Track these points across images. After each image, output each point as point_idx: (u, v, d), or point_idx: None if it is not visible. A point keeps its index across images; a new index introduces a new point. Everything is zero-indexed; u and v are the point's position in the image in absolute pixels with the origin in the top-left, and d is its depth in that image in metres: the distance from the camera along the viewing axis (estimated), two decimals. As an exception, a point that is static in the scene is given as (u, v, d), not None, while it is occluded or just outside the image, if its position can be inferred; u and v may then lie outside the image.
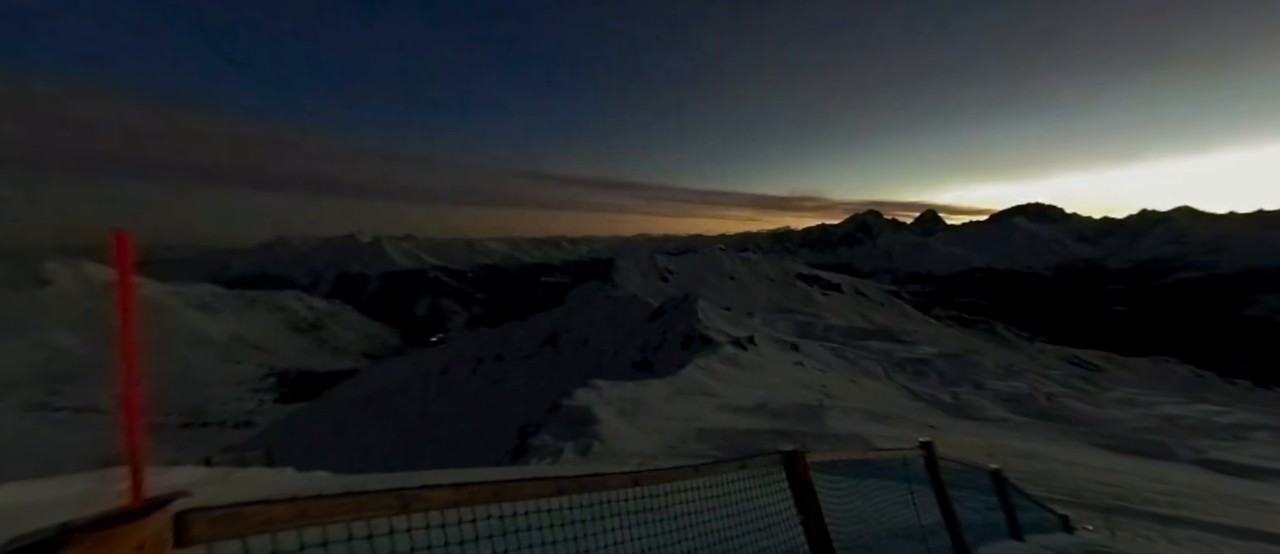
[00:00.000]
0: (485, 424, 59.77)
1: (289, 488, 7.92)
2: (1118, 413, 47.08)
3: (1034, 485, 12.83)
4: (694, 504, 2.95)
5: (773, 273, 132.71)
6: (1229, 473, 25.47)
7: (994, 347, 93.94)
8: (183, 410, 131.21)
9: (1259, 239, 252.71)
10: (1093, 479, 15.49)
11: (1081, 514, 9.33)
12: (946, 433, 27.11)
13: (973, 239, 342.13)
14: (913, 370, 63.42)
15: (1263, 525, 11.62)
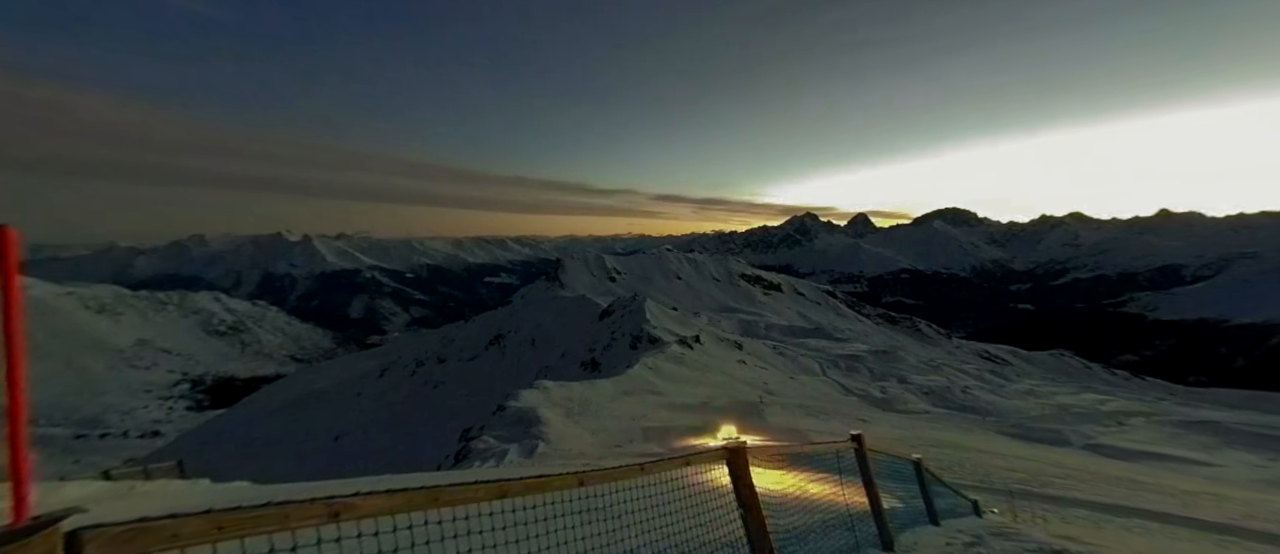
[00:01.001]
0: (426, 427, 57.59)
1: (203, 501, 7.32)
2: (1021, 403, 51.42)
3: (950, 473, 13.79)
4: (639, 502, 2.98)
5: (718, 273, 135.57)
6: (1112, 456, 28.38)
7: (917, 343, 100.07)
8: (77, 420, 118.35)
9: (1136, 243, 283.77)
10: (1000, 465, 16.85)
11: (989, 498, 10.13)
12: (875, 425, 28.62)
13: (899, 241, 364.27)
14: (846, 366, 66.52)
15: (1139, 503, 13.06)
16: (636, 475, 2.93)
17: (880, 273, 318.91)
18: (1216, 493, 16.49)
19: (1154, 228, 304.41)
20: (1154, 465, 25.94)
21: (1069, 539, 5.78)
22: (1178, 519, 11.61)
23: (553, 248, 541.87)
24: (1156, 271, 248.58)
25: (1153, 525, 10.62)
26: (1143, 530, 10.00)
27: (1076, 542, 5.61)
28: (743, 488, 3.63)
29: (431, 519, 1.75)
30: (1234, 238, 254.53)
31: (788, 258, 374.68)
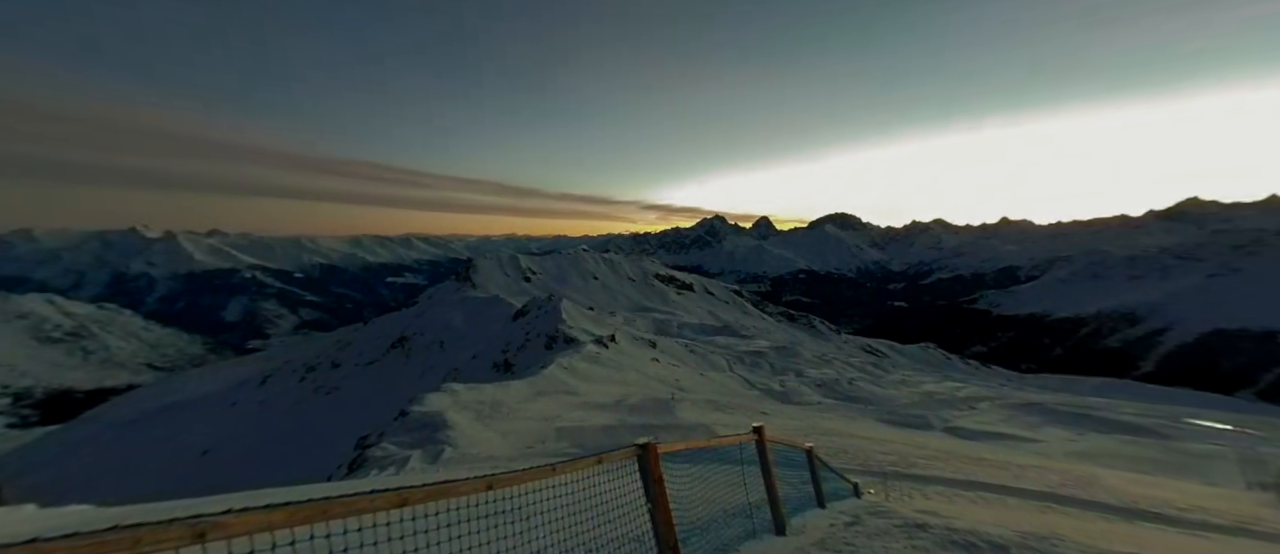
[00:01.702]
0: (317, 437, 52.80)
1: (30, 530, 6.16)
2: (895, 392, 57.13)
3: (836, 459, 15.05)
4: (551, 503, 2.96)
5: (633, 273, 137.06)
6: (964, 437, 32.38)
7: (812, 339, 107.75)
8: None
9: (984, 247, 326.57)
10: (876, 449, 18.66)
11: (867, 480, 11.22)
12: (775, 417, 30.42)
13: (797, 244, 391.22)
14: (750, 362, 70.02)
15: (983, 477, 15.09)
16: (548, 476, 2.91)
17: (781, 273, 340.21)
18: (1039, 465, 19.40)
19: (997, 233, 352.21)
20: (995, 443, 29.95)
21: (930, 513, 6.52)
22: (1011, 490, 13.57)
23: (464, 247, 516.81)
24: (999, 272, 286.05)
25: (992, 496, 12.33)
26: (985, 501, 11.58)
27: (935, 515, 6.34)
28: (652, 484, 3.72)
29: (320, 533, 1.62)
30: (1054, 243, 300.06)
31: (699, 258, 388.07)
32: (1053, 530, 7.51)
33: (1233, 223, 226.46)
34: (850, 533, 5.56)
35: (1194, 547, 9.11)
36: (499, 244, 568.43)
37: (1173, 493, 15.58)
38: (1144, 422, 40.51)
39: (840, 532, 5.61)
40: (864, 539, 5.37)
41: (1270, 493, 18.16)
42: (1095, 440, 33.48)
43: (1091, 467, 21.30)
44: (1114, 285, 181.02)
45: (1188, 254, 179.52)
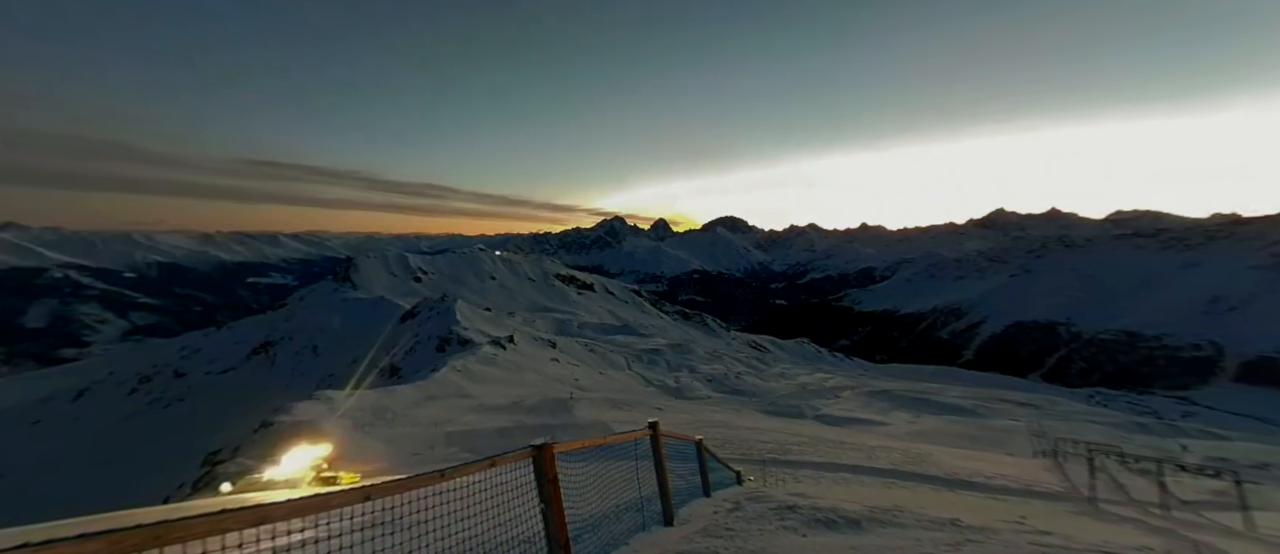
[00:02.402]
0: (152, 456, 45.10)
1: None
2: (775, 384, 61.81)
3: (723, 449, 15.98)
4: (439, 510, 2.83)
5: (533, 273, 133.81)
6: (830, 423, 35.94)
7: (705, 336, 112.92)
8: None
9: (848, 250, 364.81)
10: (758, 439, 20.12)
11: (749, 467, 12.07)
12: (669, 413, 31.45)
13: (691, 245, 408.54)
14: (647, 360, 71.64)
15: (844, 459, 16.95)
16: (435, 483, 2.78)
17: (677, 273, 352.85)
18: (886, 446, 22.15)
19: (858, 237, 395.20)
20: (854, 428, 33.61)
21: (800, 495, 7.18)
22: (865, 469, 15.39)
23: (343, 245, 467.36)
24: (860, 273, 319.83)
25: (850, 476, 13.89)
26: (845, 481, 13.00)
27: (804, 496, 7.00)
28: (546, 484, 3.70)
29: (160, 566, 1.41)
30: (902, 247, 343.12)
31: (599, 259, 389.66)
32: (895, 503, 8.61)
33: (1026, 231, 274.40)
34: (731, 518, 5.94)
35: (996, 507, 10.94)
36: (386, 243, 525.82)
37: (983, 463, 18.60)
38: (964, 403, 47.77)
39: (722, 518, 5.98)
40: (743, 523, 5.78)
41: (1049, 458, 22.38)
42: (929, 421, 38.78)
43: (926, 445, 24.70)
44: (945, 284, 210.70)
45: (996, 257, 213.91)
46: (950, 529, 6.50)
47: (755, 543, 5.13)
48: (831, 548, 5.29)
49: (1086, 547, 6.25)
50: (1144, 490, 16.40)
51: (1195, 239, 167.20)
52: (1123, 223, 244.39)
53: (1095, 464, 17.43)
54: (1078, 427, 39.73)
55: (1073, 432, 34.96)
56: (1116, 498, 15.50)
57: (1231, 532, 12.14)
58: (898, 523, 6.53)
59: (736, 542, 5.09)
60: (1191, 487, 18.02)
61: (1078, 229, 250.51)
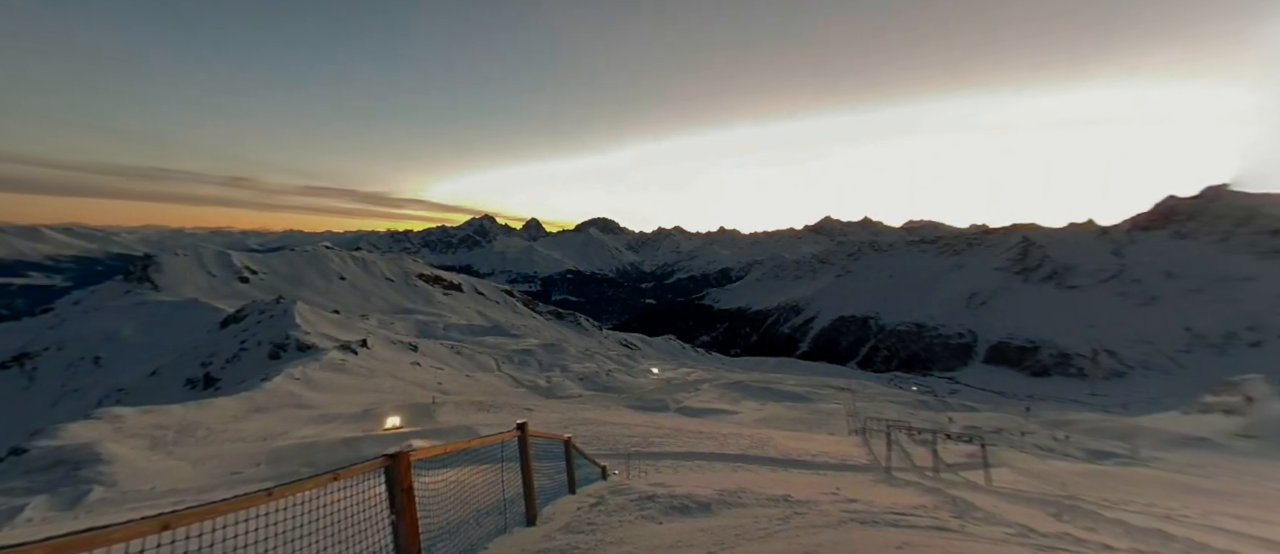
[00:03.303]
0: None
1: None
2: (643, 380, 64.18)
3: (591, 446, 16.23)
4: (262, 532, 2.51)
5: (391, 273, 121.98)
6: (690, 415, 38.32)
7: (578, 335, 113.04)
8: None
9: (709, 251, 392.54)
10: (624, 433, 20.78)
11: (614, 462, 12.45)
12: (539, 413, 30.95)
13: (565, 245, 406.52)
14: (519, 361, 69.62)
15: (701, 448, 18.28)
16: (261, 503, 2.47)
17: (551, 273, 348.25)
18: (736, 433, 24.33)
19: (718, 240, 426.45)
20: (711, 418, 36.25)
21: (659, 485, 7.61)
22: (718, 456, 16.76)
23: (135, 240, 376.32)
24: (719, 273, 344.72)
25: (705, 463, 15.03)
26: (700, 468, 14.02)
27: (663, 486, 7.45)
28: (400, 494, 3.48)
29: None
30: (753, 249, 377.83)
31: (468, 258, 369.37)
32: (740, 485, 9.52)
33: (847, 237, 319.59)
34: (594, 513, 6.10)
35: (819, 482, 12.64)
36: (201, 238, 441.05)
37: (811, 444, 21.31)
38: (800, 391, 54.18)
39: (585, 513, 6.11)
40: (604, 516, 5.97)
41: (859, 436, 26.39)
42: (772, 408, 43.25)
43: (768, 430, 27.55)
44: (786, 283, 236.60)
45: (825, 259, 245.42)
46: (783, 505, 7.38)
47: (615, 534, 5.33)
48: (685, 532, 5.67)
49: (882, 510, 7.52)
50: (923, 458, 20.16)
51: (960, 245, 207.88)
52: (914, 230, 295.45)
53: (891, 439, 21.01)
54: (881, 406, 47.26)
55: (877, 411, 41.50)
56: (904, 466, 18.84)
57: (977, 487, 15.47)
58: (742, 503, 7.23)
59: (597, 535, 5.25)
60: (954, 452, 22.55)
61: (884, 235, 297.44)
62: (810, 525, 5.84)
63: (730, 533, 5.52)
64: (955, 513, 9.64)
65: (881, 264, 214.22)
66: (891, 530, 5.59)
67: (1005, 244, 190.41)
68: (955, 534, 5.65)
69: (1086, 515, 11.47)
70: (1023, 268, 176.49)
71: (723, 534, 5.45)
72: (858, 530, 5.57)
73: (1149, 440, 37.61)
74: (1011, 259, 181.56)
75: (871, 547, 4.78)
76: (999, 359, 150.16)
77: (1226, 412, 44.94)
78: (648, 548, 4.93)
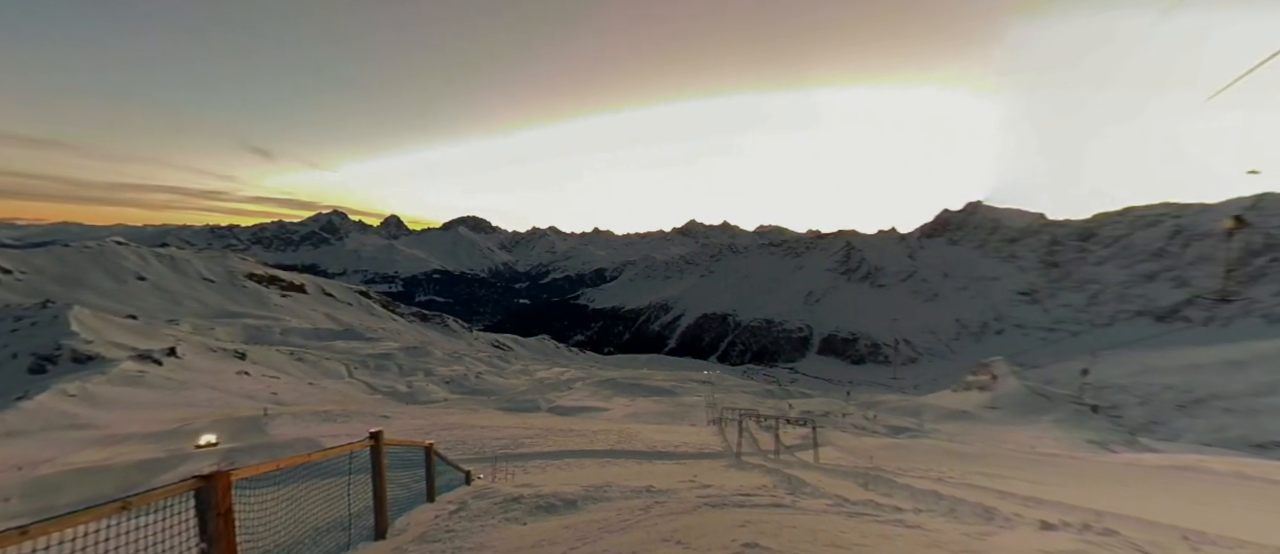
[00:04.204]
0: None
1: None
2: (515, 381, 62.39)
3: (456, 451, 15.40)
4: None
5: (211, 272, 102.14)
6: (563, 413, 38.28)
7: (445, 338, 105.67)
8: None
9: (584, 252, 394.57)
10: (492, 436, 20.07)
11: (480, 465, 11.98)
12: (398, 419, 28.43)
13: (430, 244, 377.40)
14: (375, 366, 63.13)
15: (571, 446, 18.44)
16: (11, 544, 1.99)
17: (415, 273, 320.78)
18: (606, 429, 24.94)
19: (592, 240, 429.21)
20: (583, 416, 36.58)
21: (526, 486, 7.52)
22: (587, 452, 17.04)
23: None
24: (593, 273, 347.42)
25: (574, 460, 15.19)
26: (569, 466, 14.13)
27: (529, 486, 7.37)
28: (214, 519, 3.01)
29: None
30: (626, 250, 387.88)
31: (314, 257, 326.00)
32: (607, 480, 9.78)
33: (709, 240, 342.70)
34: (453, 520, 5.83)
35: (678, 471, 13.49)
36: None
37: (674, 436, 22.63)
38: (666, 385, 57.05)
39: (444, 521, 5.82)
40: (465, 522, 5.74)
41: (716, 425, 28.67)
42: (641, 403, 44.94)
43: (636, 424, 28.62)
44: (657, 283, 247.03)
45: (691, 260, 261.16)
46: (645, 496, 7.75)
47: (475, 540, 5.16)
48: (550, 530, 5.68)
49: (731, 492, 8.27)
50: (767, 442, 22.55)
51: (800, 248, 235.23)
52: (764, 234, 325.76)
53: (742, 427, 23.16)
54: (735, 397, 51.75)
55: (732, 401, 45.35)
56: (752, 450, 20.90)
57: (808, 465, 17.75)
58: (607, 498, 7.44)
59: (455, 542, 5.04)
60: (792, 435, 25.56)
61: (740, 238, 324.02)
62: (669, 513, 6.21)
63: (594, 527, 5.66)
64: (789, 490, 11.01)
65: (738, 265, 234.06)
66: (737, 511, 6.17)
67: (833, 248, 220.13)
68: (788, 509, 6.42)
69: (885, 483, 13.85)
70: (846, 269, 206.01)
71: (586, 530, 5.57)
72: (710, 514, 6.04)
73: (931, 415, 46.30)
74: (838, 261, 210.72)
75: (720, 527, 5.18)
76: (829, 350, 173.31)
77: (980, 388, 57.35)
78: (509, 550, 4.87)
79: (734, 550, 4.26)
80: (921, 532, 5.29)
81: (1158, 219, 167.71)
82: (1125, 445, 35.72)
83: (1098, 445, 34.80)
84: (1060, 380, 62.77)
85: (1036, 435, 38.29)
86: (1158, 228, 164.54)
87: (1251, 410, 58.11)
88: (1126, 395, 66.40)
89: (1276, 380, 61.59)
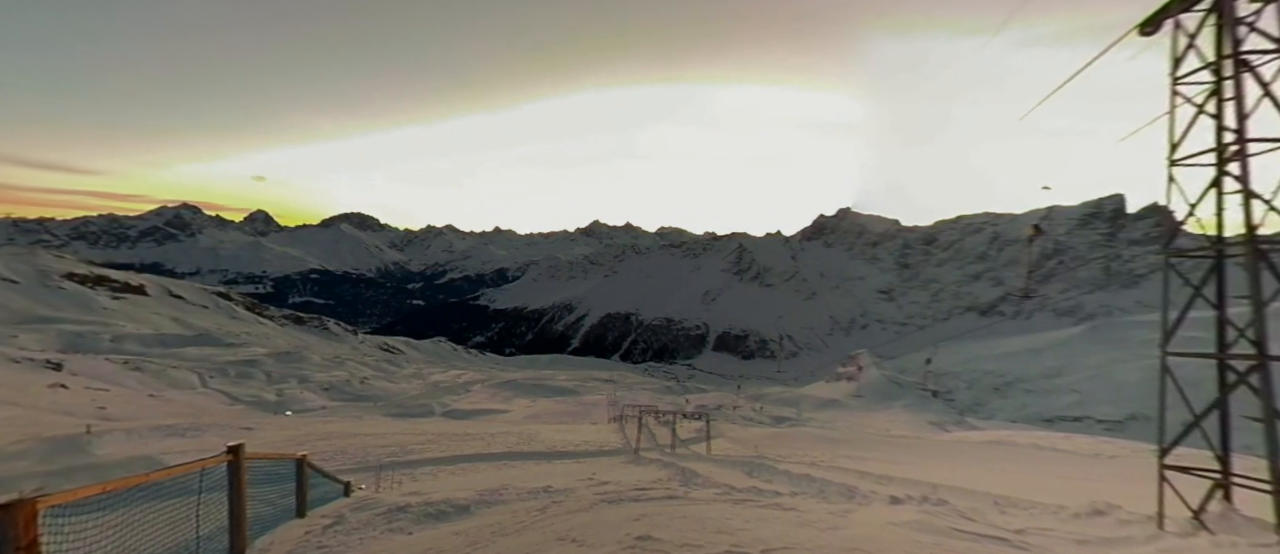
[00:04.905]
0: None
1: None
2: (406, 386, 58.17)
3: (335, 461, 14.02)
4: None
5: (15, 272, 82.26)
6: (459, 417, 36.49)
7: (324, 341, 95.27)
8: None
9: (485, 251, 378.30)
10: (378, 444, 18.56)
11: (363, 475, 11.05)
12: (265, 431, 25.23)
13: (307, 242, 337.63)
14: (237, 374, 55.37)
15: (466, 451, 17.66)
16: None
17: (288, 273, 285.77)
18: (505, 431, 24.27)
19: (494, 240, 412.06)
20: (481, 419, 35.17)
21: (414, 494, 7.11)
22: (483, 456, 16.44)
23: None
24: (495, 273, 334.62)
25: (469, 465, 14.59)
26: (463, 471, 13.54)
27: (418, 494, 6.98)
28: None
29: None
30: (529, 250, 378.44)
31: (158, 255, 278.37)
32: (503, 483, 9.54)
33: (613, 240, 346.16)
34: (326, 536, 5.38)
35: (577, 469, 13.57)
36: None
37: (575, 435, 22.62)
38: (569, 385, 56.69)
39: (315, 537, 5.35)
40: (341, 537, 5.31)
41: (616, 423, 29.11)
42: (543, 404, 44.23)
43: (537, 425, 28.12)
44: (561, 283, 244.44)
45: (595, 261, 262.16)
46: (543, 496, 7.68)
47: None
48: (438, 538, 5.44)
49: (628, 487, 8.49)
50: (664, 437, 23.38)
51: (698, 249, 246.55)
52: (665, 235, 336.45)
53: (641, 423, 23.78)
54: (636, 394, 52.83)
55: (633, 399, 46.25)
56: (650, 446, 21.56)
57: (701, 457, 18.73)
58: (502, 501, 7.26)
59: (327, 559, 4.65)
60: (688, 428, 26.75)
61: (642, 239, 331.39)
62: (566, 511, 6.23)
63: (486, 532, 5.53)
64: (683, 482, 11.57)
65: (641, 266, 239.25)
66: (633, 505, 6.35)
67: (728, 249, 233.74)
68: (681, 500, 6.74)
69: (767, 470, 15.09)
70: (739, 270, 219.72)
71: (478, 534, 5.43)
72: (606, 510, 6.16)
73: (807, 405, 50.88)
74: (732, 262, 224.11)
75: (616, 522, 5.30)
76: (723, 346, 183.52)
77: (848, 379, 64.29)
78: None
79: (628, 544, 4.40)
80: (795, 513, 5.87)
81: (981, 226, 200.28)
82: (956, 425, 42.18)
83: (936, 426, 40.71)
84: (910, 369, 72.47)
85: (891, 419, 43.86)
86: (981, 234, 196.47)
87: (1044, 390, 71.70)
88: (958, 381, 78.51)
89: (1063, 365, 76.60)
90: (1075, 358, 76.42)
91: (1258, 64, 6.22)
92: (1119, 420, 58.22)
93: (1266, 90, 6.12)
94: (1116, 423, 57.47)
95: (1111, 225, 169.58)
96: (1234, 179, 6.21)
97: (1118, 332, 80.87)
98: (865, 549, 3.95)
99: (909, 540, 4.39)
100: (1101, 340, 79.97)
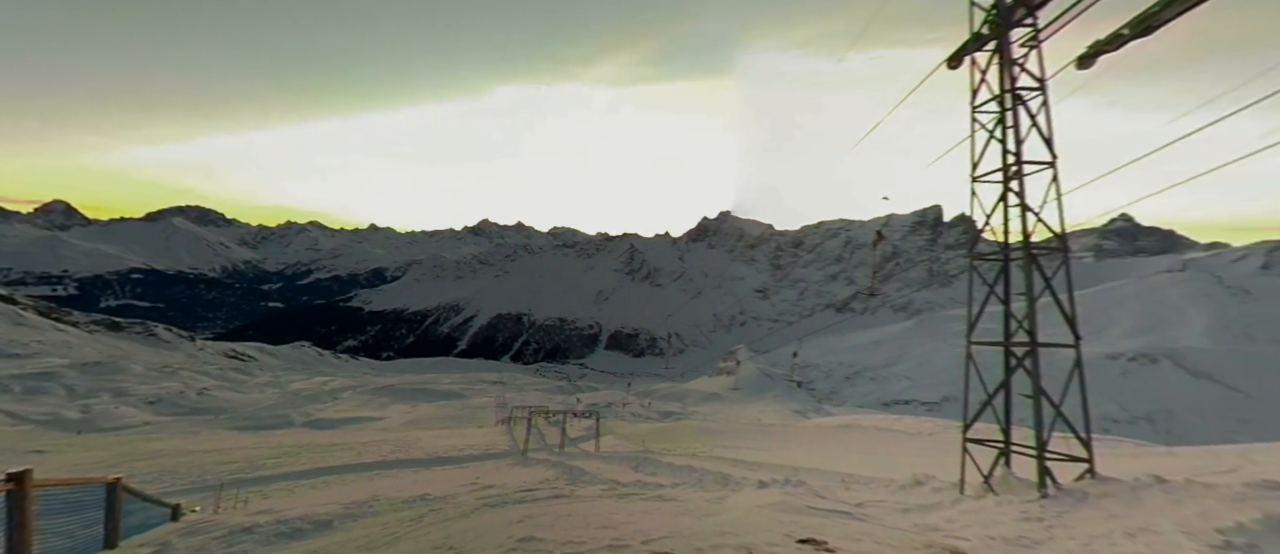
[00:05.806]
0: None
1: None
2: (258, 395, 50.61)
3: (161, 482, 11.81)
4: None
5: None
6: (324, 427, 32.62)
7: (149, 350, 78.79)
8: None
9: (358, 250, 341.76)
10: (220, 460, 15.93)
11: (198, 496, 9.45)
12: (64, 452, 20.40)
13: (127, 237, 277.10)
14: (25, 389, 43.93)
15: (331, 462, 15.83)
16: None
17: (99, 272, 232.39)
18: (380, 439, 22.26)
19: (369, 238, 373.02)
20: (350, 427, 31.78)
21: (263, 512, 6.28)
22: (352, 467, 14.90)
23: None
24: (371, 273, 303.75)
25: (334, 478, 13.13)
26: (326, 484, 12.17)
27: (268, 512, 6.17)
28: None
29: None
30: (411, 249, 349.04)
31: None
32: (374, 494, 8.77)
33: (504, 240, 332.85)
34: (146, 569, 4.56)
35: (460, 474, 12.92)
36: None
37: (459, 439, 21.46)
38: (455, 388, 53.54)
39: (130, 573, 4.51)
40: (166, 569, 4.53)
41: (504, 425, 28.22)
42: (424, 409, 41.25)
43: (417, 431, 26.15)
44: (447, 284, 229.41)
45: (485, 260, 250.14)
46: (419, 504, 7.21)
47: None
48: (291, 558, 4.90)
49: (513, 489, 8.27)
50: (554, 437, 23.12)
51: (592, 249, 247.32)
52: (558, 235, 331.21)
53: (530, 424, 23.28)
54: (527, 395, 51.54)
55: (523, 399, 45.06)
56: (538, 446, 21.18)
57: (589, 454, 18.83)
58: (373, 512, 6.69)
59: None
60: (578, 427, 26.74)
61: (535, 239, 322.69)
62: (444, 519, 5.90)
63: (352, 547, 5.09)
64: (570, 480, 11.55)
65: (533, 265, 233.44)
66: (517, 507, 6.17)
67: (619, 249, 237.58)
68: (567, 499, 6.70)
69: (652, 463, 15.67)
70: (630, 270, 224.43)
71: (341, 550, 4.98)
72: (489, 514, 5.92)
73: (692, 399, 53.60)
74: (623, 262, 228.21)
75: (498, 526, 5.11)
76: (615, 345, 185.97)
77: (727, 373, 69.11)
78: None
79: (510, 548, 4.29)
80: (676, 503, 6.14)
81: (837, 231, 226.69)
82: (815, 412, 47.35)
83: (800, 414, 45.33)
84: (781, 362, 79.81)
85: (763, 409, 47.93)
86: (837, 238, 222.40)
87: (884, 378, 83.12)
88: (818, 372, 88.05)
89: (897, 355, 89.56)
90: (907, 348, 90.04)
91: (1028, 98, 7.54)
92: (937, 402, 69.61)
93: (1033, 121, 7.50)
94: (935, 404, 68.63)
95: (933, 232, 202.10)
96: (1015, 194, 7.52)
97: (938, 325, 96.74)
98: (735, 532, 4.25)
99: (772, 520, 4.82)
100: (926, 333, 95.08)
